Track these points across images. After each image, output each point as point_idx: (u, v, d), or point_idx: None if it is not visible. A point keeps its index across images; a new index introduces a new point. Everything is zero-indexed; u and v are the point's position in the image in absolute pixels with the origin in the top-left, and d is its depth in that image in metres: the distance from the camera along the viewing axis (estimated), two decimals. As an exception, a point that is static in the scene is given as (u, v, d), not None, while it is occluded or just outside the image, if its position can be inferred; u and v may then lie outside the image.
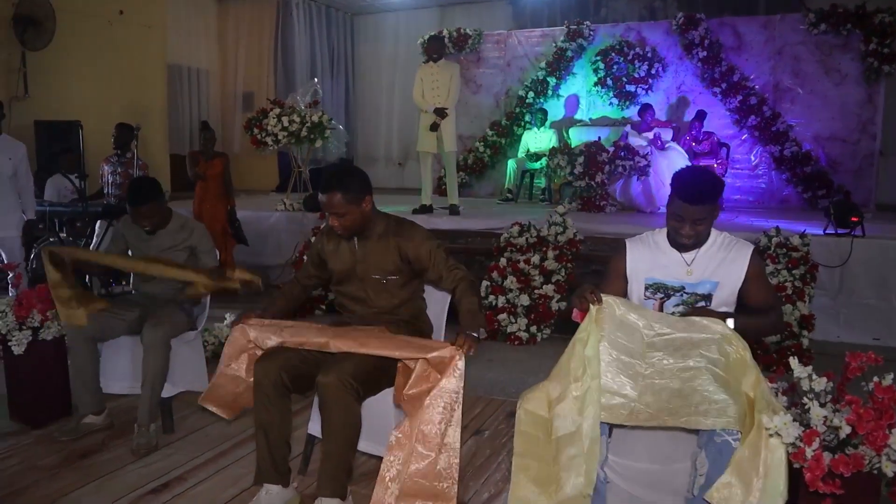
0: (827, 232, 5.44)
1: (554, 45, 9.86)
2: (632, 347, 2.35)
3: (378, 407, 2.74)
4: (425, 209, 7.15)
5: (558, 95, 9.99)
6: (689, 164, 8.29)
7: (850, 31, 8.45)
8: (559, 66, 9.82)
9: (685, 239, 2.52)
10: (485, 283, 5.58)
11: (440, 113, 6.89)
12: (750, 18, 9.12)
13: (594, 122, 9.68)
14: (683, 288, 2.57)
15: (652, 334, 2.37)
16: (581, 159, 7.80)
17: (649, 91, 9.42)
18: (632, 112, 9.32)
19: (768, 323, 2.57)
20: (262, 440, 2.72)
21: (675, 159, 8.19)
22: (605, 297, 2.38)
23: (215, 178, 6.81)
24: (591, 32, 9.72)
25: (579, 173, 7.83)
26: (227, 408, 2.97)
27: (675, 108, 9.43)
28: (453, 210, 7.13)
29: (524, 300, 5.35)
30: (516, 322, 5.27)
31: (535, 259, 5.58)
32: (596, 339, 2.32)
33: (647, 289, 2.61)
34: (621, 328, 2.37)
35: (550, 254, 5.60)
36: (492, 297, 5.45)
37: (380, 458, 2.82)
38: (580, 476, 2.19)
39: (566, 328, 5.43)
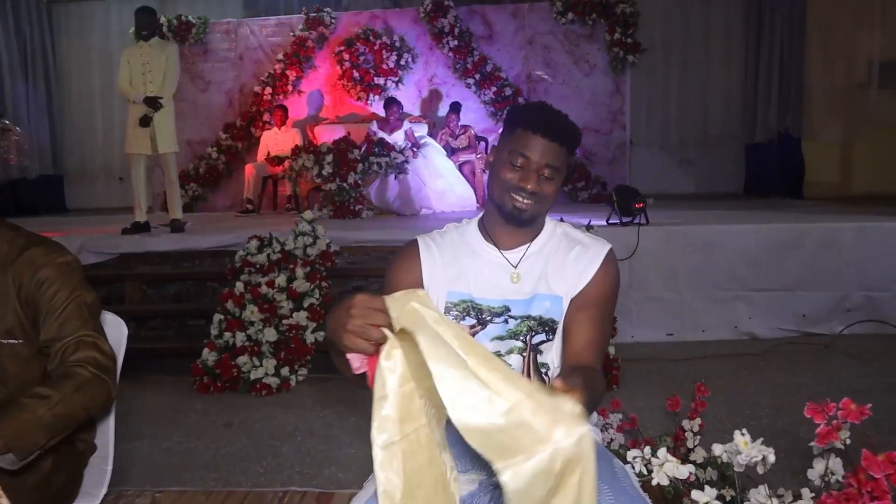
0: (611, 221, 4.89)
1: (292, 34, 8.71)
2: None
3: None
4: (139, 228, 5.63)
5: (300, 91, 8.85)
6: (448, 160, 7.62)
7: (596, 20, 8.32)
8: (299, 58, 8.69)
9: (525, 199, 1.54)
10: (217, 316, 4.28)
11: (152, 104, 5.46)
12: (499, 7, 8.68)
13: (342, 120, 8.68)
14: (508, 309, 1.58)
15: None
16: (329, 158, 6.73)
17: (399, 84, 8.63)
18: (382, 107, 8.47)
19: (599, 395, 1.40)
20: None
21: (433, 156, 7.46)
22: (394, 301, 1.08)
23: None
24: (333, 21, 8.72)
25: (328, 175, 6.75)
26: None
27: (427, 101, 8.73)
28: (175, 226, 5.69)
29: (270, 335, 4.14)
30: (262, 365, 4.04)
31: (281, 280, 4.39)
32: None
33: (447, 311, 1.59)
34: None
35: (300, 272, 4.44)
36: (228, 336, 4.16)
37: None
38: None
39: (327, 365, 4.37)
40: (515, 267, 1.60)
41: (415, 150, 7.22)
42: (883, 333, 4.72)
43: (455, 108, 7.93)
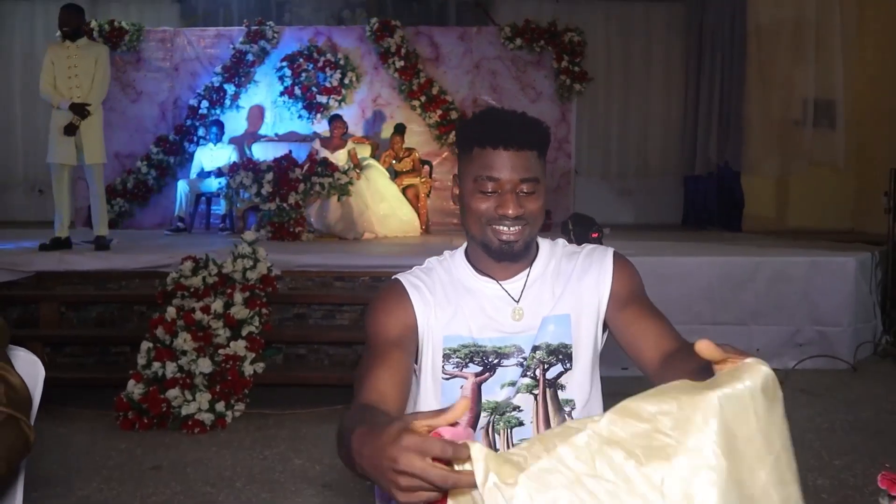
0: (566, 252, 4.75)
1: (232, 47, 8.36)
2: None
3: None
4: (60, 244, 5.18)
5: (238, 106, 8.49)
6: (392, 183, 7.39)
7: (543, 48, 8.29)
8: (238, 71, 8.34)
9: (511, 227, 1.31)
10: (146, 344, 3.92)
11: (79, 111, 5.07)
12: (447, 29, 8.59)
13: (281, 138, 8.35)
14: (520, 348, 1.36)
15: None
16: (270, 176, 6.42)
17: (342, 103, 8.38)
18: (324, 127, 8.21)
19: None
20: None
21: (377, 179, 7.21)
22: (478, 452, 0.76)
23: None
24: (276, 35, 8.41)
25: (268, 194, 6.43)
26: None
27: (371, 123, 8.51)
28: (100, 244, 5.26)
29: (205, 365, 3.79)
30: (195, 399, 3.68)
31: (218, 305, 4.06)
32: None
33: (447, 358, 1.36)
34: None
35: (238, 297, 4.12)
36: (157, 366, 3.80)
37: None
38: None
39: (267, 400, 4.06)
40: (518, 301, 1.38)
41: (358, 171, 6.97)
42: (833, 369, 4.71)
43: (399, 129, 7.73)
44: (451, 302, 1.38)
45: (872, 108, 8.11)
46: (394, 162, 7.68)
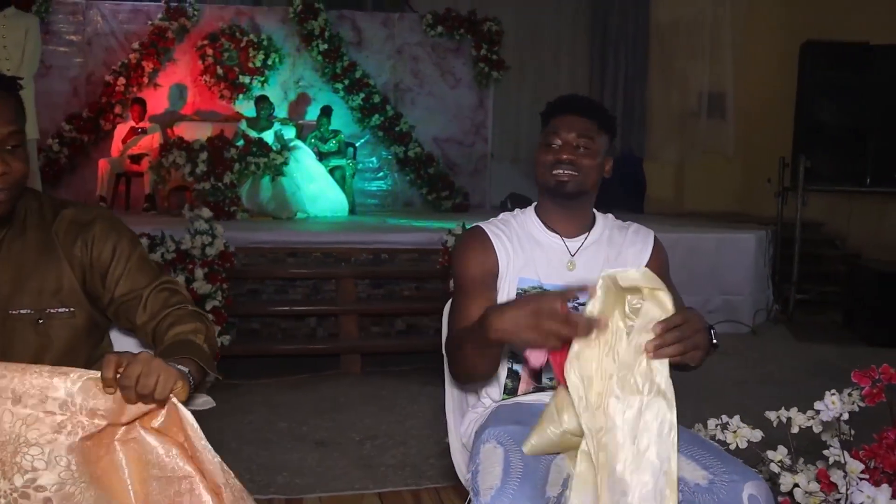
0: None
1: (150, 23, 8.19)
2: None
3: None
4: (-8, 222, 5.07)
5: (156, 84, 8.35)
6: (319, 164, 7.54)
7: (463, 36, 8.60)
8: (157, 49, 8.19)
9: (564, 170, 1.65)
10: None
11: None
12: (370, 14, 8.74)
13: (204, 118, 8.30)
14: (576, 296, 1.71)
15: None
16: (204, 156, 6.44)
17: (265, 84, 8.40)
18: (246, 107, 8.22)
19: None
20: None
21: (304, 159, 7.34)
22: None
23: None
24: (196, 13, 8.31)
25: (202, 173, 6.46)
26: None
27: (294, 105, 8.58)
28: (39, 222, 5.18)
29: (174, 338, 3.91)
30: (168, 369, 3.80)
31: (180, 281, 4.16)
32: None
33: (519, 297, 1.68)
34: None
35: (199, 272, 4.24)
36: (124, 339, 3.88)
37: None
38: None
39: (237, 370, 4.21)
40: (573, 256, 1.72)
41: (287, 152, 7.08)
42: (737, 332, 5.34)
43: (326, 111, 7.86)
44: (525, 250, 1.71)
45: (758, 101, 8.95)
46: (319, 143, 7.82)
